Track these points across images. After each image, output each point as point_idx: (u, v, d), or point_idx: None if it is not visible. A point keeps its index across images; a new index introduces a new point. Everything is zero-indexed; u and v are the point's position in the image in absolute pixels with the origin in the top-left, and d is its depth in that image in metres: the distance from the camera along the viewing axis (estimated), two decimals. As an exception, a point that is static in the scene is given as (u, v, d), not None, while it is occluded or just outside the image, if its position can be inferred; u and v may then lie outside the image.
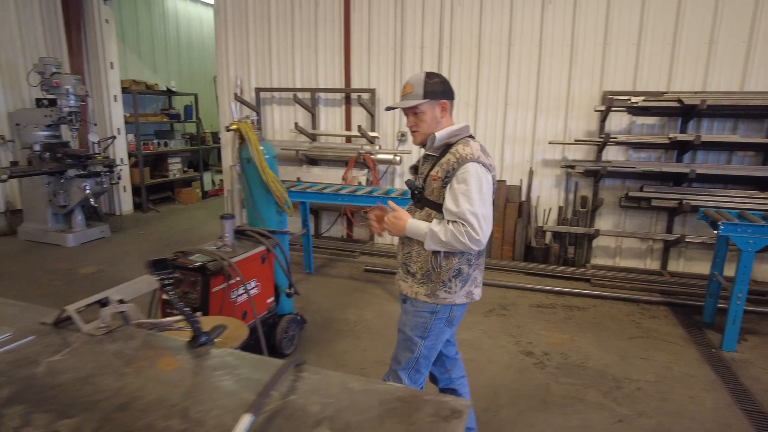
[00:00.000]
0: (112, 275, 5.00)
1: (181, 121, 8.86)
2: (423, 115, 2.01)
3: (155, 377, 1.25)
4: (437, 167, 2.00)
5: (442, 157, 2.01)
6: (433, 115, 2.02)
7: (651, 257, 5.42)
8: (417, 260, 2.07)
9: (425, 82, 2.00)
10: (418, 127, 2.05)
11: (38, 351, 1.35)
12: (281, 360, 1.37)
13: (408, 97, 2.01)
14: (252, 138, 3.13)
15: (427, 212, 2.04)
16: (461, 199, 1.90)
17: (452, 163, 1.95)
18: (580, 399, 3.07)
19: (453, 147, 2.00)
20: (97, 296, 1.59)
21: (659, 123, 5.15)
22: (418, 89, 1.99)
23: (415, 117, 2.03)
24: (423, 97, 1.99)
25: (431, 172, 2.01)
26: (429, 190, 2.03)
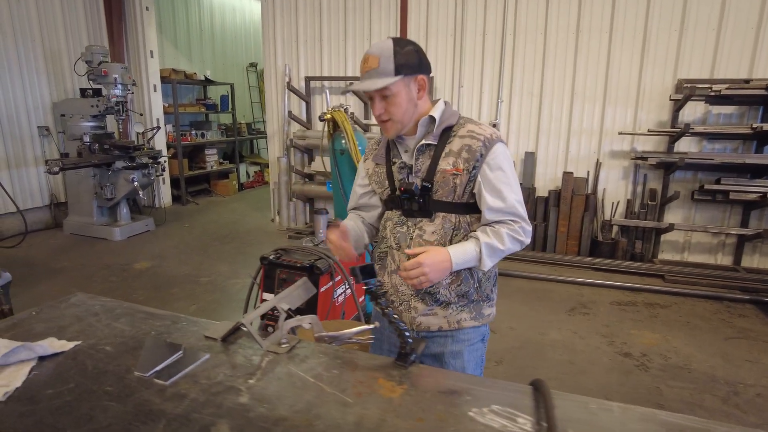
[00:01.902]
0: (167, 270, 4.86)
1: (217, 112, 8.68)
2: (395, 97, 1.48)
3: (386, 407, 1.08)
4: (450, 158, 1.52)
5: (447, 143, 1.54)
6: (409, 96, 1.51)
7: (723, 252, 5.21)
8: (448, 283, 1.57)
9: (395, 52, 1.46)
10: (390, 114, 1.51)
11: (227, 374, 1.19)
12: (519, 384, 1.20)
13: (373, 75, 1.45)
14: (348, 128, 2.95)
15: (443, 220, 1.55)
16: (505, 189, 1.51)
17: (477, 148, 1.50)
18: (698, 405, 2.90)
19: (460, 128, 1.54)
20: (266, 306, 1.42)
21: (737, 112, 4.92)
22: (387, 63, 1.45)
23: (385, 101, 1.49)
24: (395, 72, 1.45)
25: (441, 166, 1.52)
26: (444, 191, 1.53)
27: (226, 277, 4.71)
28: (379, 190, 1.69)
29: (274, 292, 2.63)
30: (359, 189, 1.78)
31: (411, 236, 1.58)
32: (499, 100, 5.52)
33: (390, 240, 1.65)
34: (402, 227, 1.61)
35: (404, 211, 1.60)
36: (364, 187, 1.76)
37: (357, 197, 1.79)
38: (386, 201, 1.68)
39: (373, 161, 1.71)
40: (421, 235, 1.56)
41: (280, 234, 6.34)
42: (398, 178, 1.61)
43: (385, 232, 1.68)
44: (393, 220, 1.64)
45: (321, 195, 6.39)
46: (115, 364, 1.21)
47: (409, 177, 1.58)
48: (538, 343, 3.56)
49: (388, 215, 1.68)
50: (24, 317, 1.46)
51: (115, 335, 1.36)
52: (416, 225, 1.58)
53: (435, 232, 1.55)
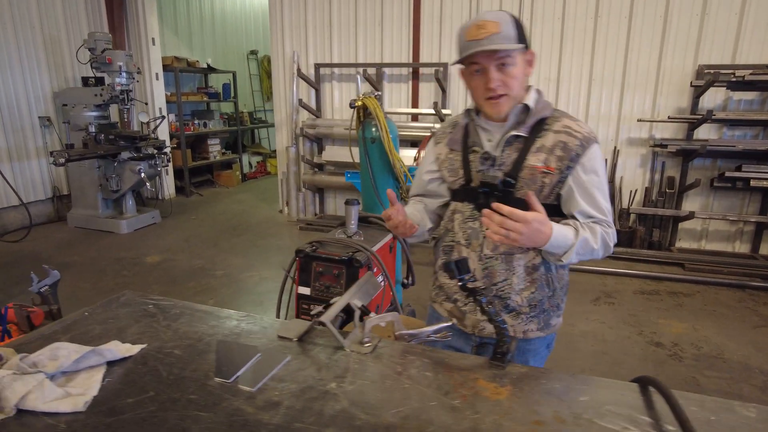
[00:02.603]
0: (179, 264, 4.75)
1: (219, 101, 8.50)
2: (515, 68, 1.32)
3: (497, 410, 1.00)
4: (541, 154, 1.38)
5: (537, 137, 1.39)
6: (524, 71, 1.37)
7: (741, 240, 5.18)
8: (522, 289, 1.45)
9: (513, 20, 1.32)
10: (507, 87, 1.33)
11: (315, 377, 1.09)
12: (621, 381, 1.12)
13: (495, 39, 1.27)
14: (380, 115, 2.85)
15: None
16: (598, 196, 1.39)
17: (573, 147, 1.36)
18: (737, 395, 2.86)
19: (554, 122, 1.40)
20: (341, 303, 1.32)
21: (759, 98, 4.85)
22: (509, 29, 1.29)
23: (502, 72, 1.32)
24: (517, 40, 1.30)
25: (530, 162, 1.38)
26: (529, 188, 1.39)
27: (241, 270, 4.61)
28: (450, 179, 1.54)
29: (310, 285, 2.53)
30: (426, 175, 1.63)
31: (484, 234, 1.44)
32: (514, 87, 5.41)
33: (458, 235, 1.52)
34: (474, 222, 1.47)
35: (478, 206, 1.44)
36: (431, 173, 1.61)
37: (423, 184, 1.65)
38: (456, 191, 1.54)
39: (447, 146, 1.55)
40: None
41: (290, 225, 6.24)
42: (476, 168, 1.46)
43: (452, 225, 1.55)
44: (463, 213, 1.51)
45: (332, 185, 6.28)
46: (190, 369, 1.12)
47: (491, 169, 1.42)
48: (569, 334, 3.50)
49: (456, 207, 1.55)
50: (76, 319, 1.36)
51: (180, 337, 1.27)
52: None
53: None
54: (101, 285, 4.17)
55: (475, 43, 1.29)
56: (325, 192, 6.57)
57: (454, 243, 1.55)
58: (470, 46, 1.31)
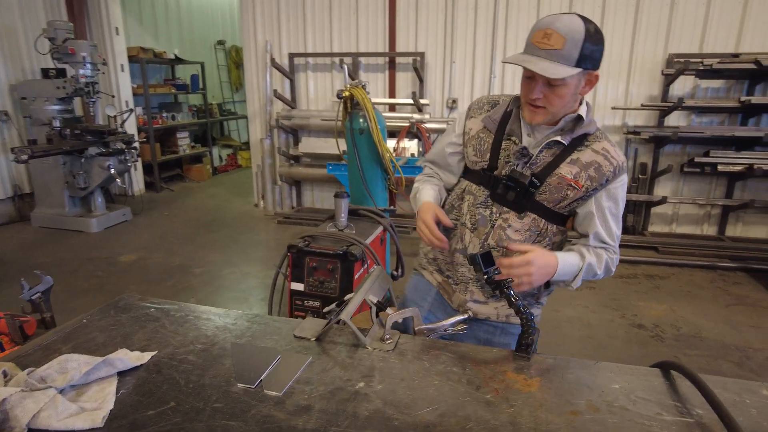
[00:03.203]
0: (156, 262, 4.59)
1: (188, 92, 8.22)
2: (563, 88, 1.26)
3: (532, 402, 1.00)
4: (574, 167, 1.36)
5: (576, 149, 1.38)
6: (577, 90, 1.30)
7: (708, 223, 5.39)
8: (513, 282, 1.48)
9: (585, 38, 1.21)
10: (548, 103, 1.30)
11: (341, 377, 1.07)
12: (642, 367, 1.14)
13: (553, 56, 1.21)
14: (369, 106, 2.80)
15: (532, 221, 1.43)
16: (613, 223, 1.43)
17: (606, 171, 1.36)
18: (717, 371, 2.98)
19: (595, 141, 1.38)
20: (357, 299, 1.29)
21: (725, 86, 5.03)
22: (572, 49, 1.21)
23: (549, 88, 1.27)
24: (576, 63, 1.22)
25: (562, 171, 1.37)
26: (551, 196, 1.39)
27: (221, 267, 4.50)
28: (473, 158, 1.49)
29: (304, 281, 2.49)
30: (449, 148, 1.58)
31: (493, 224, 1.45)
32: (492, 75, 5.45)
33: (466, 217, 1.51)
34: (485, 210, 1.46)
35: (494, 195, 1.44)
36: (454, 146, 1.57)
37: (443, 155, 1.61)
38: (475, 173, 1.49)
39: (483, 123, 1.48)
40: (505, 228, 1.44)
41: (267, 219, 6.13)
42: (507, 158, 1.42)
43: (461, 204, 1.53)
44: (476, 197, 1.47)
45: (309, 178, 6.19)
46: (209, 376, 1.07)
47: (522, 165, 1.40)
48: (555, 320, 3.57)
49: (468, 187, 1.51)
50: (75, 327, 1.28)
51: (191, 342, 1.21)
52: (502, 215, 1.44)
53: (519, 231, 1.44)
54: (75, 287, 3.99)
55: (533, 50, 1.24)
56: (303, 184, 6.48)
57: (458, 223, 1.55)
58: (529, 49, 1.25)
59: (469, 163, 1.53)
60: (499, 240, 1.45)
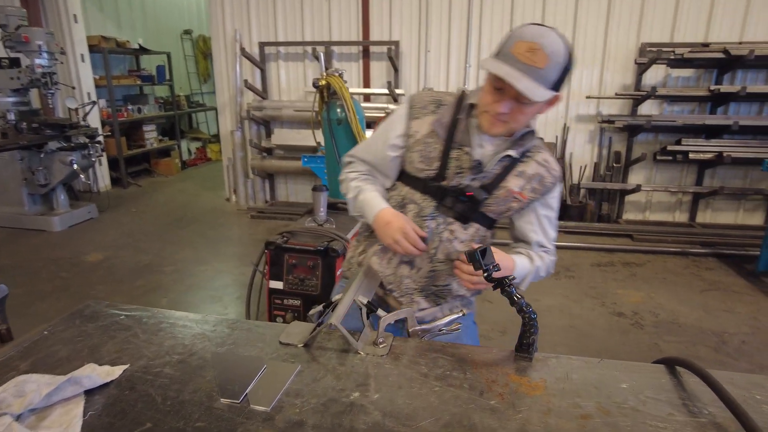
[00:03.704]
0: (124, 261, 4.39)
1: (154, 84, 7.91)
2: (531, 107, 1.23)
3: (539, 407, 0.95)
4: (520, 180, 1.36)
5: (521, 161, 1.36)
6: (540, 109, 1.29)
7: (680, 210, 5.50)
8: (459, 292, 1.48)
9: (565, 61, 1.19)
10: (513, 118, 1.25)
11: (334, 387, 0.99)
12: (645, 364, 1.10)
13: (534, 75, 1.14)
14: (347, 95, 2.69)
15: (476, 231, 1.41)
16: (549, 228, 1.45)
17: (548, 183, 1.38)
18: (696, 357, 3.02)
19: (537, 153, 1.38)
20: (346, 301, 1.21)
21: (695, 75, 5.11)
22: (553, 71, 1.16)
23: (517, 104, 1.21)
24: (553, 86, 1.19)
25: (509, 184, 1.35)
26: (497, 207, 1.38)
27: (193, 265, 4.34)
28: (419, 165, 1.38)
29: (283, 279, 2.39)
30: (391, 151, 1.42)
31: (440, 237, 1.38)
32: (467, 65, 5.39)
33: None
34: (431, 221, 1.38)
35: (440, 206, 1.37)
36: (396, 149, 1.42)
37: (384, 157, 1.44)
38: (418, 180, 1.39)
39: (432, 126, 1.37)
40: (452, 240, 1.38)
41: (240, 214, 5.96)
42: (459, 168, 1.34)
43: (404, 213, 1.40)
44: (420, 207, 1.38)
45: (283, 170, 6.04)
46: (189, 391, 0.97)
47: (472, 178, 1.34)
48: (537, 310, 3.54)
49: (410, 196, 1.40)
50: (35, 339, 1.16)
51: (166, 352, 1.11)
52: (448, 226, 1.38)
53: (464, 242, 1.40)
54: (37, 289, 3.78)
55: (514, 62, 1.15)
56: (276, 178, 6.32)
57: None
58: (509, 59, 1.16)
59: (411, 169, 1.41)
60: (447, 254, 1.39)
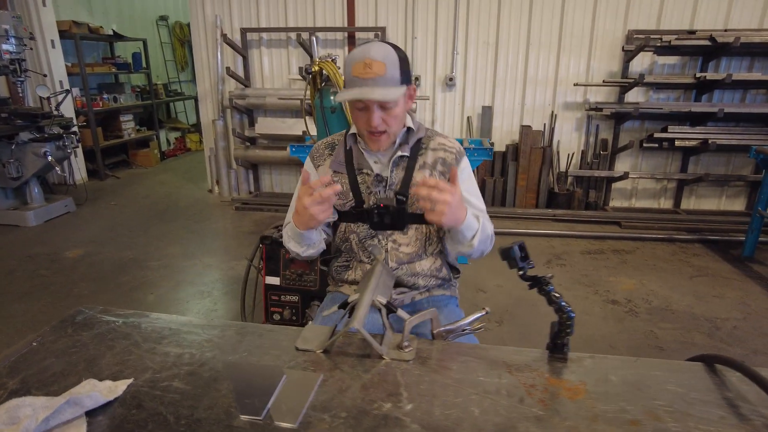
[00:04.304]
0: (107, 257, 4.22)
1: (130, 72, 7.61)
2: (396, 108, 1.37)
3: (585, 413, 0.89)
4: (425, 171, 1.47)
5: (419, 155, 1.49)
6: (405, 107, 1.42)
7: (665, 197, 5.56)
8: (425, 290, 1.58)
9: (399, 58, 1.35)
10: (388, 126, 1.39)
11: (364, 398, 0.92)
12: (680, 362, 1.05)
13: (380, 82, 1.30)
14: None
15: (416, 232, 1.50)
16: (475, 200, 1.50)
17: (451, 161, 1.49)
18: (691, 343, 3.04)
19: (429, 141, 1.52)
20: (365, 301, 1.13)
21: (680, 63, 5.13)
22: (394, 71, 1.32)
23: (385, 112, 1.36)
24: (400, 81, 1.35)
25: (416, 179, 1.46)
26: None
27: (180, 259, 4.20)
28: (339, 202, 1.51)
29: (280, 274, 2.29)
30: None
31: (386, 248, 1.50)
32: (454, 51, 5.31)
33: (359, 254, 1.54)
34: (372, 240, 1.52)
35: (373, 225, 1.49)
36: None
37: None
38: (347, 213, 1.53)
39: (331, 169, 1.53)
40: (396, 247, 1.50)
41: (224, 206, 5.80)
42: (368, 189, 1.49)
43: (348, 245, 1.56)
44: (358, 233, 1.53)
45: (268, 160, 5.89)
46: (204, 407, 0.88)
47: (383, 190, 1.48)
48: (530, 299, 3.52)
49: (348, 228, 1.55)
50: (23, 352, 1.05)
51: (172, 363, 1.02)
52: (388, 238, 1.51)
53: (409, 245, 1.51)
54: (14, 289, 3.60)
55: (360, 82, 1.32)
56: (260, 168, 6.17)
57: (352, 261, 1.58)
58: (355, 82, 1.33)
59: (337, 206, 1.53)
60: (398, 260, 1.50)
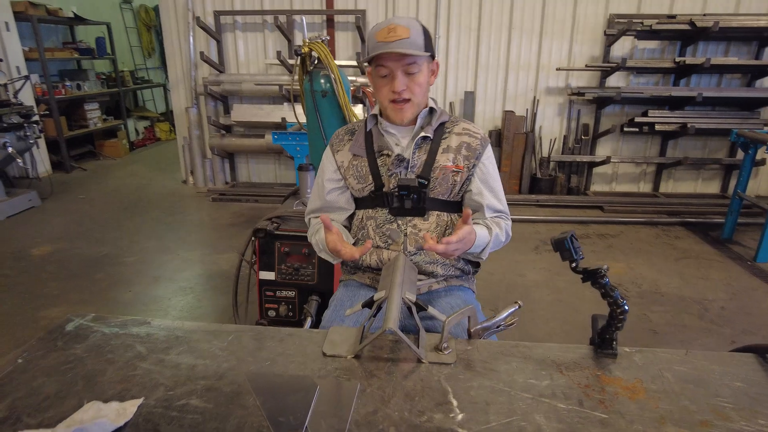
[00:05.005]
0: (78, 253, 3.99)
1: (93, 58, 7.21)
2: (420, 75, 1.36)
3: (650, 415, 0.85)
4: (449, 154, 1.43)
5: (442, 138, 1.45)
6: (428, 79, 1.41)
7: (644, 180, 5.63)
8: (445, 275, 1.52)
9: (423, 28, 1.36)
10: (412, 93, 1.36)
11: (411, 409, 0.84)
12: (727, 354, 1.00)
13: (405, 44, 1.29)
14: (332, 63, 2.45)
15: (437, 218, 1.45)
16: (499, 190, 1.50)
17: (476, 146, 1.45)
18: (682, 325, 3.07)
19: (454, 126, 1.48)
20: (396, 299, 1.03)
21: (659, 47, 5.16)
22: (418, 37, 1.32)
23: (409, 78, 1.35)
24: (424, 49, 1.33)
25: (440, 162, 1.42)
26: (442, 188, 1.43)
27: (157, 254, 4.00)
28: (358, 186, 1.48)
29: (275, 269, 2.17)
30: (329, 184, 1.52)
31: (405, 232, 1.44)
32: (436, 35, 5.20)
33: (375, 240, 1.46)
34: (391, 225, 1.45)
35: (393, 210, 1.44)
36: (333, 182, 1.52)
37: (324, 194, 1.53)
38: (365, 198, 1.49)
39: (351, 152, 1.49)
40: (416, 233, 1.44)
41: (199, 197, 5.58)
42: (388, 171, 1.43)
43: (365, 232, 1.48)
44: (376, 219, 1.46)
45: (245, 149, 5.69)
46: (231, 428, 0.77)
47: (405, 171, 1.43)
48: (522, 286, 3.52)
49: (366, 213, 1.49)
50: (9, 370, 0.92)
51: (186, 377, 0.90)
52: (409, 223, 1.44)
53: (429, 231, 1.44)
54: (-24, 290, 3.36)
55: (385, 45, 1.30)
56: (237, 157, 5.95)
57: (373, 248, 1.48)
58: (379, 47, 1.31)
59: (355, 193, 1.51)
60: (418, 245, 1.44)
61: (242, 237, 4.20)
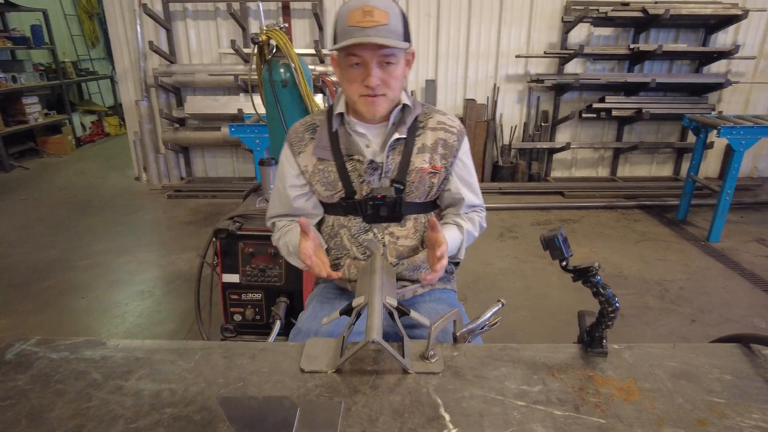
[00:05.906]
0: (23, 259, 3.72)
1: (30, 48, 6.72)
2: (396, 68, 1.21)
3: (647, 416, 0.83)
4: (424, 154, 1.32)
5: (417, 137, 1.33)
6: (403, 71, 1.26)
7: (602, 165, 5.77)
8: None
9: (401, 13, 1.20)
10: (387, 88, 1.22)
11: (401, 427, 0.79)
12: (710, 345, 1.00)
13: (383, 32, 1.13)
14: (292, 52, 2.33)
15: (414, 222, 1.36)
16: (475, 183, 1.43)
17: (452, 143, 1.34)
18: (647, 307, 3.16)
19: (427, 119, 1.36)
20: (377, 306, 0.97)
21: (614, 34, 5.27)
22: (397, 24, 1.17)
23: (385, 70, 1.19)
24: (403, 38, 1.19)
25: (416, 164, 1.31)
26: (418, 192, 1.33)
27: (111, 256, 3.78)
28: (326, 193, 1.35)
29: (239, 271, 2.06)
30: (293, 191, 1.39)
31: (383, 242, 1.35)
32: (396, 24, 5.11)
33: (352, 250, 1.37)
34: (367, 234, 1.35)
35: (367, 217, 1.33)
36: (297, 188, 1.39)
37: (289, 201, 1.40)
38: (336, 205, 1.36)
39: (314, 155, 1.34)
40: (395, 241, 1.35)
41: (154, 194, 5.33)
42: (360, 178, 1.30)
43: (338, 240, 1.38)
44: (350, 228, 1.35)
45: (200, 142, 5.47)
46: (204, 462, 0.69)
47: (378, 177, 1.30)
48: (490, 274, 3.54)
49: (337, 222, 1.38)
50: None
51: (154, 407, 0.81)
52: (385, 231, 1.35)
53: (408, 237, 1.36)
54: None
55: (359, 31, 1.13)
56: (192, 151, 5.72)
57: (343, 257, 1.39)
58: (353, 32, 1.13)
59: (323, 199, 1.39)
60: (398, 255, 1.37)
61: (201, 235, 4.03)
